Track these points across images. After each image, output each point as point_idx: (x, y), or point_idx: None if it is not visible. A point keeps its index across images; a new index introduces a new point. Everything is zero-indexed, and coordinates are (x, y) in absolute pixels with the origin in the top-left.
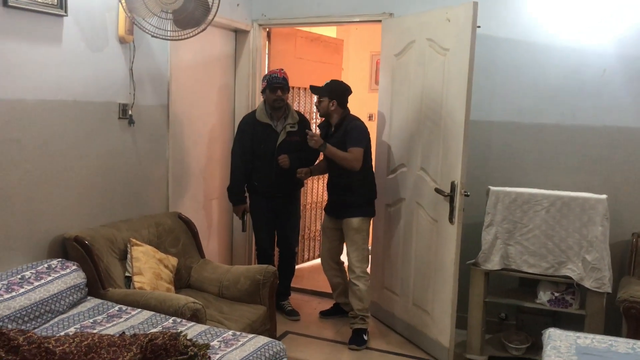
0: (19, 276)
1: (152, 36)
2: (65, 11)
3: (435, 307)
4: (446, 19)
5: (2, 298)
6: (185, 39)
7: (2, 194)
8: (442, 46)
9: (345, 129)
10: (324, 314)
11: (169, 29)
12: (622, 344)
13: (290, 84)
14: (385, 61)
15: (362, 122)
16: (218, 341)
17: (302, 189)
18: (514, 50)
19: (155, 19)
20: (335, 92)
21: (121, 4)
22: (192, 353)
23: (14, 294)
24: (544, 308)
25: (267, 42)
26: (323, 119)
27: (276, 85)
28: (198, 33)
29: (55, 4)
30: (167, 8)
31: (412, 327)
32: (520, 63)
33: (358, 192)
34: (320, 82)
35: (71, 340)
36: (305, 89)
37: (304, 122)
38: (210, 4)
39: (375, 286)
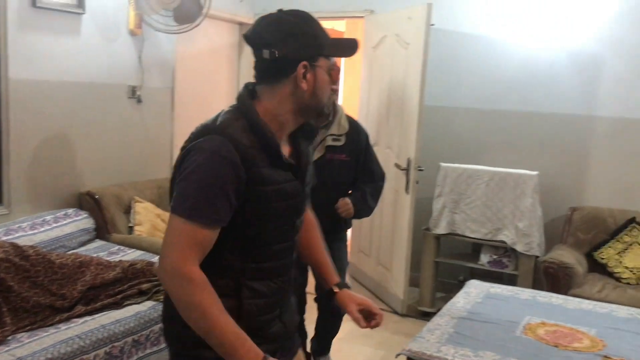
0: (41, 219)
1: (155, 30)
2: (83, 10)
3: (394, 266)
4: (408, 17)
5: (26, 233)
6: (183, 32)
7: (31, 156)
8: (405, 41)
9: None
10: None
11: (169, 24)
12: (526, 293)
13: None
14: (366, 53)
15: None
16: None
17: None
18: (475, 44)
19: (158, 15)
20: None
21: (130, 3)
22: None
23: (35, 231)
24: (486, 269)
25: None
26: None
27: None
28: (193, 28)
29: (75, 3)
30: (168, 7)
31: (377, 282)
32: (480, 55)
33: None
34: None
35: (68, 257)
36: None
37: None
38: (202, 3)
39: (353, 249)
